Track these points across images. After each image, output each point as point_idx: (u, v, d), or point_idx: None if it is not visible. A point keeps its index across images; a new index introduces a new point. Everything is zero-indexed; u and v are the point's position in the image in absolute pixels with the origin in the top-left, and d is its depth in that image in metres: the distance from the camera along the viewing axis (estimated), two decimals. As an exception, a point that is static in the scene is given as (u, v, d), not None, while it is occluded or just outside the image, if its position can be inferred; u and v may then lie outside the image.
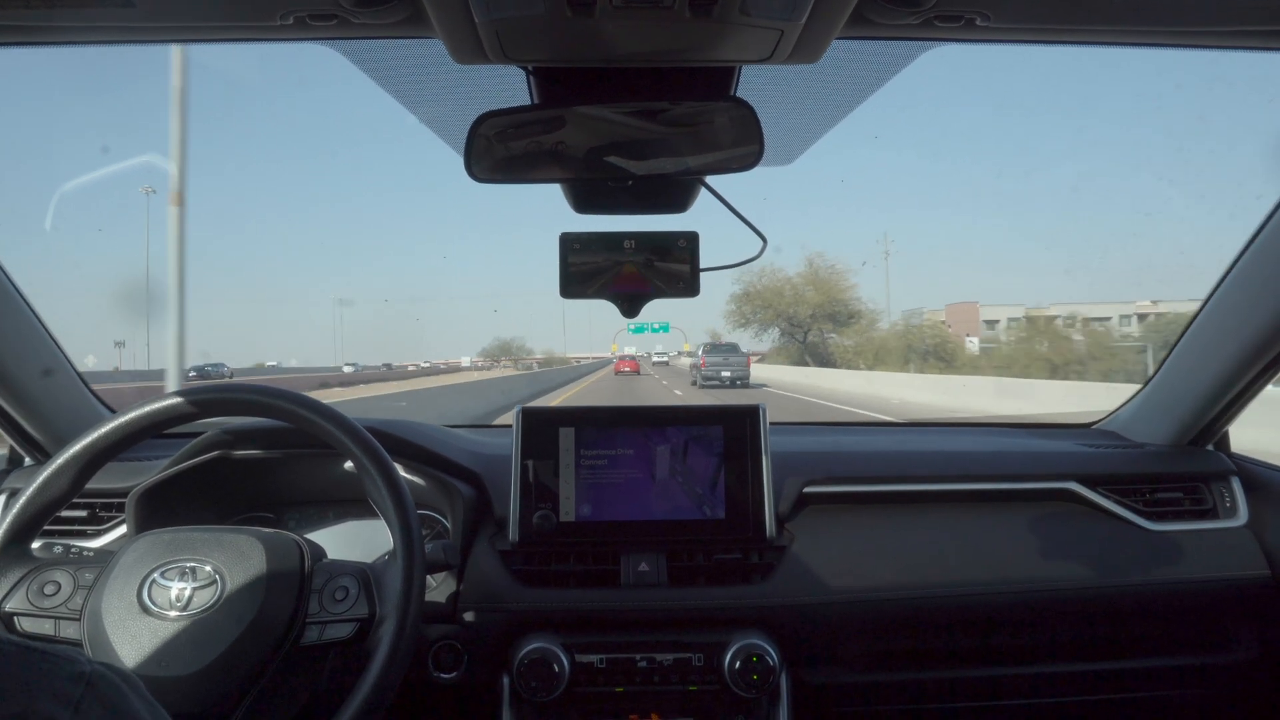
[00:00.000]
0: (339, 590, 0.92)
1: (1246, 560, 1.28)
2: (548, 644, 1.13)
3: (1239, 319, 1.23)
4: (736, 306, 43.46)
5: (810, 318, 40.90)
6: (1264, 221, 1.16)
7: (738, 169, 0.92)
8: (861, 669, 1.26)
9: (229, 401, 0.97)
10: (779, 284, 42.45)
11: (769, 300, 41.70)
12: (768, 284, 42.35)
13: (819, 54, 0.79)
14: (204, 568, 0.88)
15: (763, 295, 41.87)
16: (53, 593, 0.89)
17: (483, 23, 0.71)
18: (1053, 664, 1.29)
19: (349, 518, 1.34)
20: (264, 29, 0.77)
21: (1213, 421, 1.37)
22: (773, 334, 43.88)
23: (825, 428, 1.84)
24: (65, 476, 0.93)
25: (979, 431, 1.73)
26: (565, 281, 1.02)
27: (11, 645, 0.39)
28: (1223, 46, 0.85)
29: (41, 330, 1.30)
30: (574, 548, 1.22)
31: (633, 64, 0.84)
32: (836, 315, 40.24)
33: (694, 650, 1.15)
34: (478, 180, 0.92)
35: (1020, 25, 0.79)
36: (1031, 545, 1.27)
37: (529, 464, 1.23)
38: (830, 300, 39.73)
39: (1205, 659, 1.31)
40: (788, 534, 1.26)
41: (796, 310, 41.10)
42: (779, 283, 42.51)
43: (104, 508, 1.30)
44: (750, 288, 42.77)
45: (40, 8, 0.72)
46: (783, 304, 41.46)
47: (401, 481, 0.95)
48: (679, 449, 1.25)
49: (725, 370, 21.89)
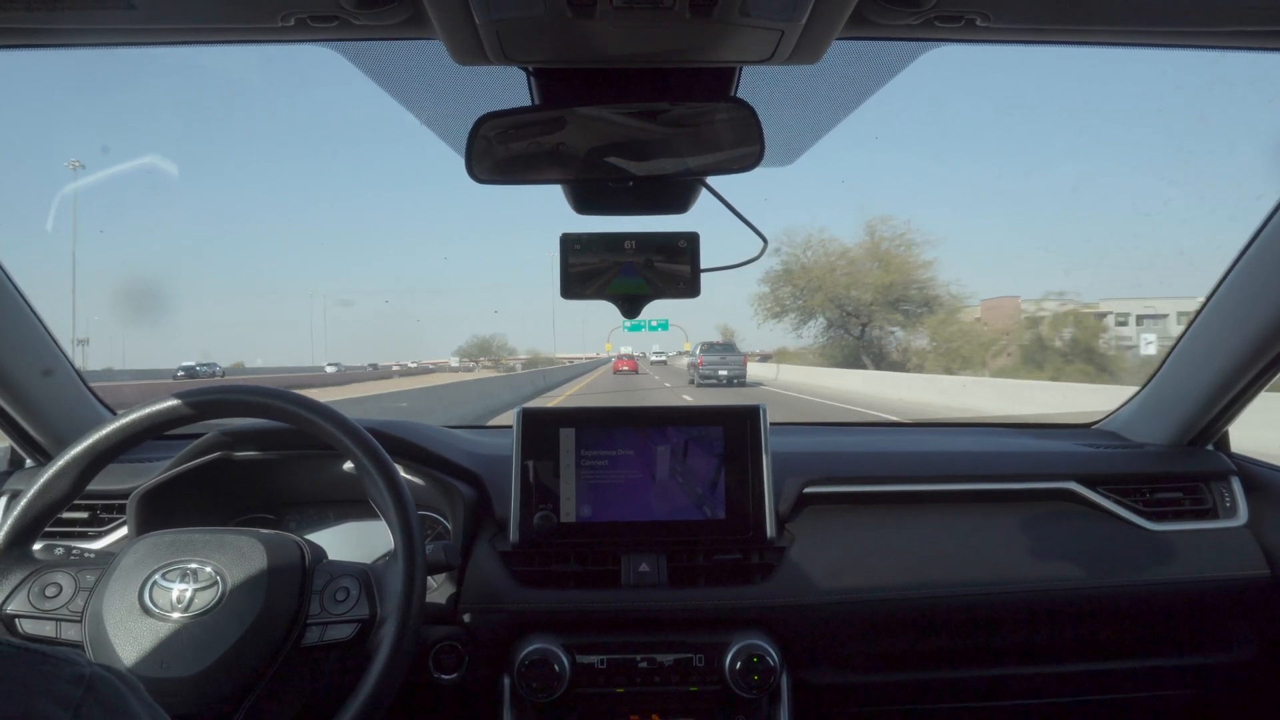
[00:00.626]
0: (340, 591, 0.92)
1: (1246, 560, 1.28)
2: (548, 645, 1.13)
3: (1239, 319, 1.23)
4: (771, 289, 33.40)
5: (871, 304, 30.94)
6: (1264, 222, 1.16)
7: (738, 170, 0.92)
8: (862, 669, 1.26)
9: (230, 403, 0.97)
10: (831, 258, 32.35)
11: (819, 279, 31.85)
12: (816, 259, 32.47)
13: (819, 54, 0.79)
14: (205, 569, 0.88)
15: (810, 273, 32.22)
16: (54, 594, 0.89)
17: (483, 24, 0.71)
18: (1053, 664, 1.29)
19: (350, 519, 1.34)
20: (265, 30, 0.77)
21: (1213, 421, 1.37)
22: (816, 324, 33.31)
23: (825, 428, 1.85)
24: (66, 478, 0.93)
25: (979, 431, 1.73)
26: (566, 282, 1.01)
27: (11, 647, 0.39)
28: (1223, 47, 0.85)
29: (41, 330, 1.29)
30: (574, 548, 1.22)
31: (633, 65, 0.84)
32: (906, 302, 30.43)
33: (694, 651, 1.15)
34: (478, 181, 0.92)
35: (1020, 25, 0.79)
36: (1031, 545, 1.27)
37: (529, 464, 1.23)
38: (901, 282, 30.00)
39: (1205, 659, 1.31)
40: (788, 534, 1.26)
41: (854, 294, 31.25)
42: (831, 256, 32.42)
43: (105, 509, 1.30)
44: (792, 263, 32.73)
45: (42, 10, 0.72)
46: (835, 285, 31.57)
47: (402, 482, 0.95)
48: (679, 449, 1.25)
49: (722, 369, 22.06)
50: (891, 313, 30.65)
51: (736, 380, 21.85)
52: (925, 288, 30.12)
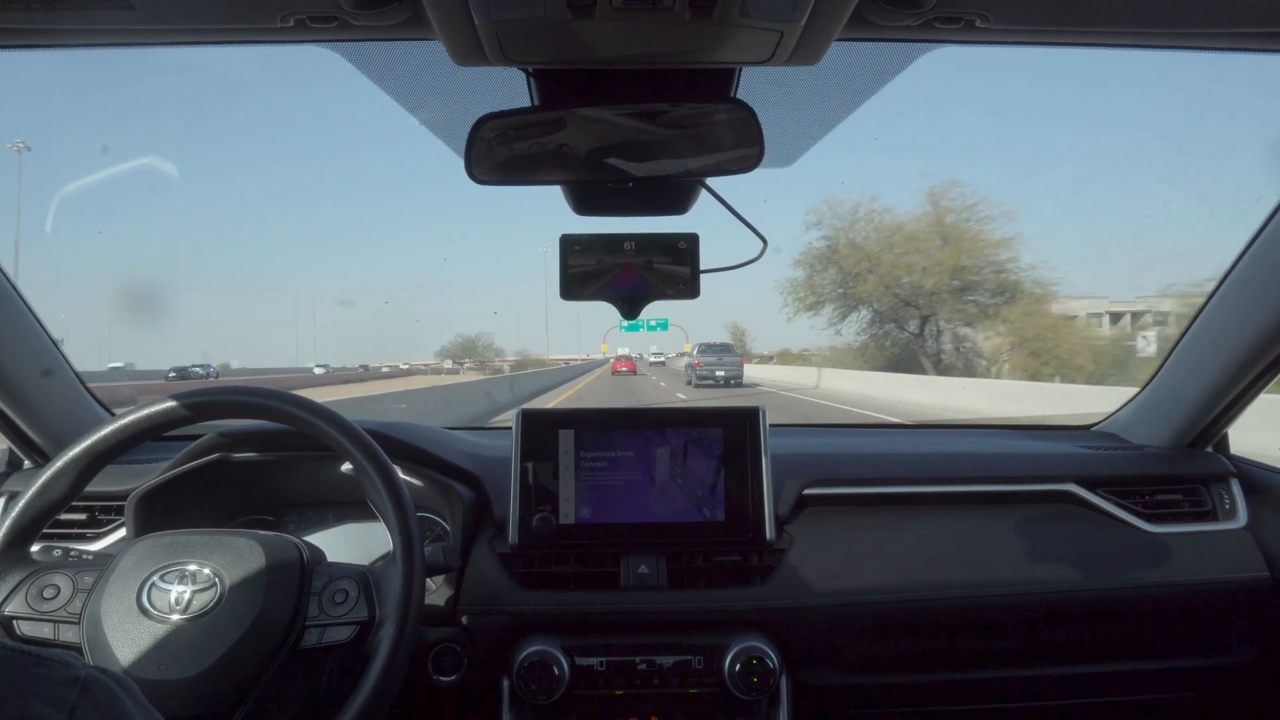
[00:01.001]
0: (338, 593, 0.92)
1: (1246, 562, 1.28)
2: (548, 646, 1.12)
3: (1239, 320, 1.23)
4: (808, 275, 25.95)
5: (931, 293, 23.60)
6: (1264, 223, 1.16)
7: (738, 171, 0.92)
8: (862, 671, 1.26)
9: (228, 404, 0.96)
10: (886, 232, 24.55)
11: (873, 259, 24.32)
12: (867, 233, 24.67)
13: (819, 56, 0.79)
14: (203, 571, 0.88)
15: (862, 251, 24.60)
16: (52, 596, 0.89)
17: (483, 24, 0.71)
18: (1052, 666, 1.28)
19: (348, 520, 1.34)
20: (264, 31, 0.77)
21: (1212, 423, 1.37)
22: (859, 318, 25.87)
23: (825, 429, 1.85)
24: (64, 479, 0.92)
25: (978, 433, 1.73)
26: (565, 283, 1.01)
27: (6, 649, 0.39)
28: (1223, 48, 0.85)
29: (40, 331, 1.29)
30: (574, 550, 1.22)
31: (633, 66, 0.84)
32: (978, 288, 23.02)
33: (694, 653, 1.15)
34: (478, 182, 0.92)
35: (1020, 27, 0.79)
36: (1031, 547, 1.27)
37: (529, 466, 1.23)
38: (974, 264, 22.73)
39: (1204, 661, 1.31)
40: (787, 536, 1.26)
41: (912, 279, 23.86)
42: (886, 230, 24.60)
43: (103, 510, 1.30)
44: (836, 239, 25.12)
45: (41, 10, 0.72)
46: (894, 268, 24.14)
47: (401, 483, 0.95)
48: (679, 451, 1.25)
49: (719, 370, 22.19)
50: (959, 302, 23.35)
51: (734, 381, 21.90)
52: (1003, 271, 22.58)
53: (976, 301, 23.54)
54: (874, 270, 24.49)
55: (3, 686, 0.37)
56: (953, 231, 23.45)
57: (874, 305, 25.34)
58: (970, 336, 23.81)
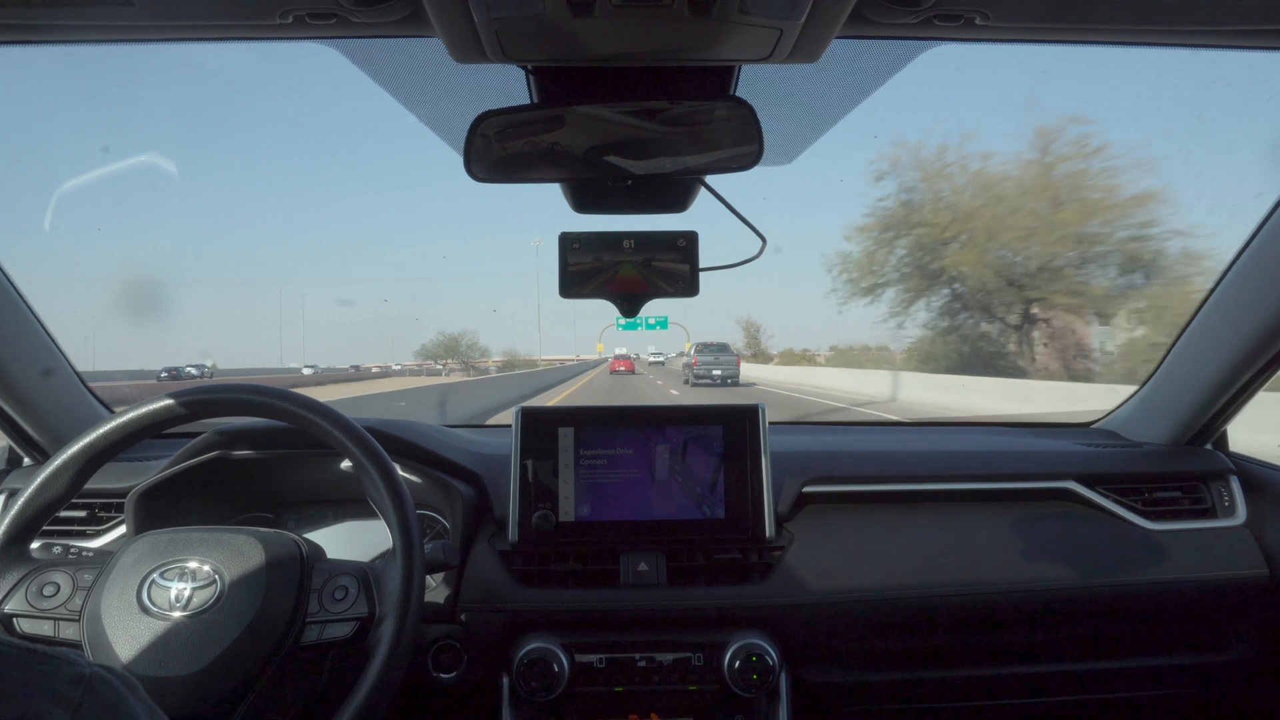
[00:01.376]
0: (338, 590, 0.92)
1: (1245, 559, 1.28)
2: (547, 644, 1.13)
3: (1238, 317, 1.24)
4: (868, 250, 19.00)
5: (1041, 270, 16.47)
6: (1263, 220, 1.16)
7: (737, 168, 0.92)
8: (861, 668, 1.26)
9: (228, 402, 0.96)
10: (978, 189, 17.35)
11: (965, 219, 17.08)
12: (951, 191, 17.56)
13: (818, 53, 0.79)
14: (203, 568, 0.88)
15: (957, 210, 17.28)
16: (52, 594, 0.89)
17: (482, 22, 0.71)
18: (1052, 663, 1.29)
19: (348, 517, 1.34)
20: (263, 27, 0.77)
21: (1211, 420, 1.37)
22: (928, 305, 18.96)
23: (825, 427, 1.85)
24: (64, 477, 0.92)
25: (978, 431, 1.73)
26: (564, 281, 1.01)
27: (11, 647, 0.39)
28: (1223, 46, 0.85)
29: (41, 330, 1.29)
30: (573, 547, 1.22)
31: (632, 63, 0.84)
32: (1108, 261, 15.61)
33: (693, 650, 1.15)
34: (477, 180, 0.92)
35: (1019, 24, 0.79)
36: (1030, 545, 1.27)
37: (528, 464, 1.23)
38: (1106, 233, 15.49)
39: (1203, 658, 1.31)
40: (787, 534, 1.26)
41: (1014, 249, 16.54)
42: (977, 187, 17.43)
43: (103, 508, 1.30)
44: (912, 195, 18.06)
45: (40, 6, 0.72)
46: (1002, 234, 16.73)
47: (401, 481, 0.95)
48: (678, 449, 1.25)
49: (716, 369, 22.25)
50: (1075, 284, 16.21)
51: (731, 380, 21.92)
52: (1143, 240, 15.22)
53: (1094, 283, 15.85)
54: (973, 239, 16.95)
55: (7, 684, 0.37)
56: (1065, 190, 16.36)
57: (963, 286, 17.78)
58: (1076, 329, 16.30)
